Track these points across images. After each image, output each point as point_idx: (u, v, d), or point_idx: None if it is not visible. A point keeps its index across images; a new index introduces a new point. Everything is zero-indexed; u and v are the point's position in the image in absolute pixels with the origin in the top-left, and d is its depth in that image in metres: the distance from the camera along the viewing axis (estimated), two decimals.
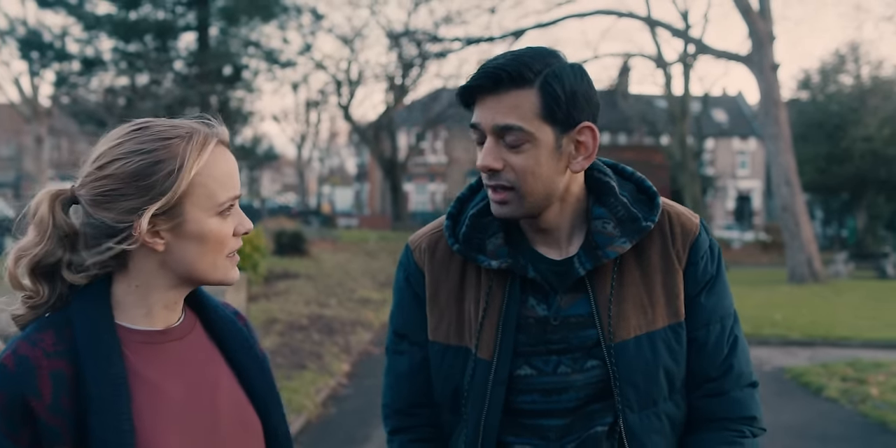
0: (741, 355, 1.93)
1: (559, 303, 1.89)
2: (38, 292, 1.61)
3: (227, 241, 1.64)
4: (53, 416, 1.50)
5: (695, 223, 1.95)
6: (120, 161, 1.57)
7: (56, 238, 1.61)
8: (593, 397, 1.86)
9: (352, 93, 41.45)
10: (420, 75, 36.98)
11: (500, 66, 1.79)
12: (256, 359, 1.80)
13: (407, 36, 33.43)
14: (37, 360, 1.52)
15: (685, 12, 30.16)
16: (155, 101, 24.03)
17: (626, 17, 28.41)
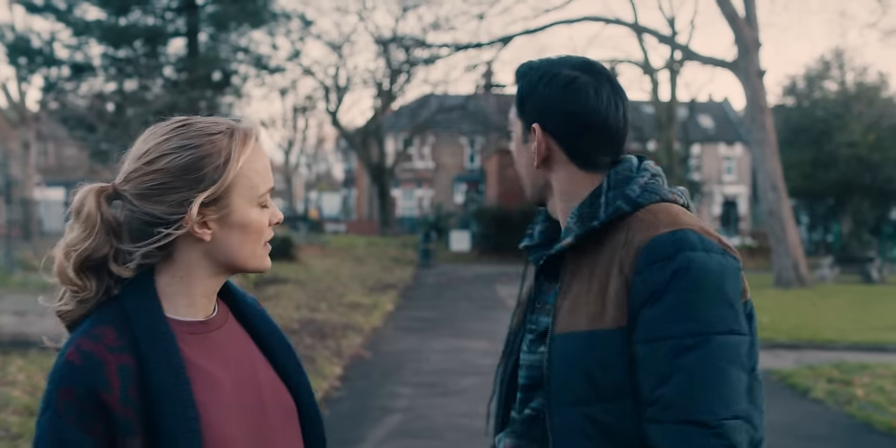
0: (683, 386, 1.72)
1: (545, 288, 2.03)
2: (86, 287, 1.68)
3: (265, 230, 1.75)
4: (125, 408, 1.58)
5: (655, 231, 1.84)
6: (169, 156, 1.67)
7: (104, 232, 1.69)
8: (537, 381, 1.93)
9: (340, 98, 41.50)
10: (408, 81, 37.05)
11: (517, 68, 2.08)
12: (284, 341, 1.91)
13: (395, 42, 33.50)
14: (102, 355, 1.59)
15: (672, 19, 30.29)
16: (144, 107, 24.00)
17: (614, 24, 28.54)
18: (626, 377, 1.79)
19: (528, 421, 1.95)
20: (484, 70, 33.78)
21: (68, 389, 1.57)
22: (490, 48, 29.65)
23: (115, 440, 1.58)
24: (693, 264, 1.77)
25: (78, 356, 1.59)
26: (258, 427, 1.73)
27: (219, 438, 1.64)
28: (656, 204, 1.92)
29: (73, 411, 1.57)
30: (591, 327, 1.83)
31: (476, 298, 20.91)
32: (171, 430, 1.59)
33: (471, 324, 16.14)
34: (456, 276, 28.26)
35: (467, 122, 43.17)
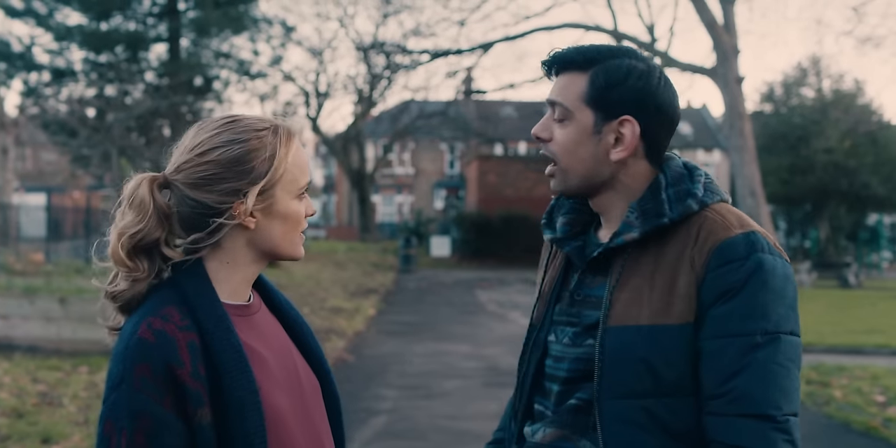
0: (754, 380, 1.79)
1: (588, 281, 2.03)
2: (139, 268, 1.81)
3: (302, 220, 1.89)
4: (195, 382, 1.70)
5: (729, 232, 1.90)
6: (220, 149, 1.80)
7: (156, 217, 1.82)
8: (582, 373, 1.95)
9: (320, 104, 41.55)
10: (388, 87, 37.14)
11: (567, 51, 2.03)
12: (307, 328, 2.06)
13: (376, 48, 33.58)
14: (173, 333, 1.72)
15: (651, 26, 30.25)
16: (126, 112, 24.02)
17: (594, 31, 28.67)
18: (687, 371, 1.85)
19: (574, 411, 1.95)
20: (464, 76, 33.90)
21: (145, 364, 1.68)
22: (470, 54, 29.74)
23: (186, 411, 1.70)
24: (765, 266, 1.85)
25: (151, 333, 1.70)
26: (298, 400, 1.88)
27: (272, 408, 1.78)
28: (717, 204, 1.98)
29: (149, 384, 1.67)
30: (654, 322, 1.87)
31: (457, 303, 21.00)
32: (239, 401, 1.72)
33: (452, 328, 16.23)
34: (437, 281, 28.35)
35: (447, 128, 43.27)
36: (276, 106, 35.86)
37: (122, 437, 1.67)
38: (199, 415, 1.70)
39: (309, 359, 2.02)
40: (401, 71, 32.39)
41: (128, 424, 1.67)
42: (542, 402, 2.06)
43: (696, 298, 1.86)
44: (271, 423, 1.77)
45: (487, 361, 12.29)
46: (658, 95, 1.99)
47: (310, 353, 2.02)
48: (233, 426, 1.71)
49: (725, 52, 23.85)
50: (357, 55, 35.18)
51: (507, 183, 39.83)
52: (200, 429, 1.70)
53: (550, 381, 2.04)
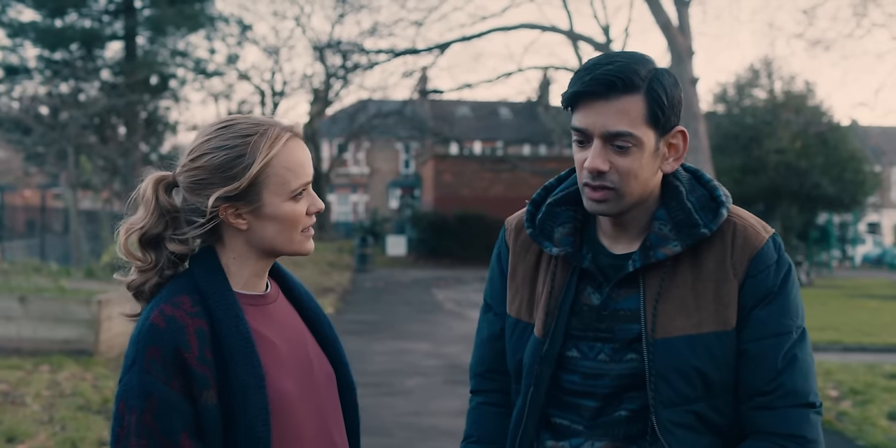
0: (797, 374, 1.93)
1: (613, 295, 2.01)
2: (146, 259, 1.93)
3: (300, 219, 1.96)
4: (201, 366, 1.81)
5: (761, 237, 1.98)
6: (209, 155, 1.90)
7: (158, 214, 1.93)
8: (627, 387, 1.97)
9: (276, 104, 41.39)
10: (344, 87, 37.10)
11: (612, 73, 1.88)
12: (325, 318, 2.15)
13: (332, 47, 33.51)
14: (183, 319, 1.83)
15: (606, 27, 30.68)
16: (82, 110, 23.82)
17: (549, 31, 28.83)
18: (731, 373, 1.95)
19: (625, 422, 1.97)
20: (420, 76, 33.93)
21: (155, 348, 1.80)
22: (427, 54, 29.79)
23: (193, 393, 1.80)
24: (790, 266, 2.00)
25: (162, 319, 1.82)
26: (308, 387, 1.97)
27: (278, 392, 1.87)
28: (732, 206, 2.04)
29: (158, 367, 1.79)
30: (702, 330, 1.94)
31: (415, 302, 21.06)
32: (243, 384, 1.82)
33: (411, 326, 16.29)
34: (393, 280, 28.37)
35: (403, 127, 43.29)
36: (232, 105, 35.67)
37: (133, 416, 1.78)
38: (204, 396, 1.80)
39: (325, 349, 2.10)
40: (357, 70, 32.34)
41: (138, 404, 1.78)
42: (565, 416, 2.05)
43: (738, 303, 1.96)
44: (277, 407, 1.86)
45: (448, 359, 12.38)
46: (681, 97, 1.98)
47: (326, 343, 2.11)
48: (237, 408, 1.82)
49: (680, 53, 24.08)
50: (313, 54, 35.06)
51: (463, 182, 39.91)
52: (206, 410, 1.80)
53: (578, 396, 2.03)
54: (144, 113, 28.10)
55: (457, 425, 8.13)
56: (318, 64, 35.66)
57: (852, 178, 37.55)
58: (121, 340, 11.37)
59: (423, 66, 32.32)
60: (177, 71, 30.21)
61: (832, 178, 37.02)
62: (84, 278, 16.07)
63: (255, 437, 1.81)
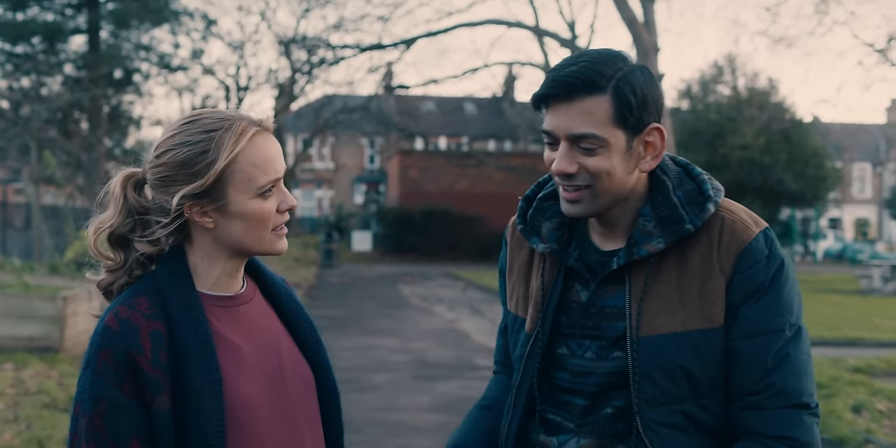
0: (789, 374, 1.86)
1: (600, 292, 1.98)
2: (115, 259, 1.89)
3: (270, 217, 1.88)
4: (154, 369, 1.76)
5: (751, 232, 1.92)
6: (172, 151, 1.84)
7: (126, 212, 1.88)
8: (613, 385, 1.94)
9: (241, 99, 41.12)
10: (309, 82, 36.93)
11: (573, 74, 1.85)
12: (306, 318, 2.08)
13: (297, 42, 33.35)
14: (137, 321, 1.78)
15: (572, 23, 30.71)
16: (45, 105, 23.59)
17: (515, 27, 28.86)
18: (719, 372, 1.89)
19: (610, 420, 1.95)
20: (385, 71, 33.86)
21: (107, 351, 1.75)
22: (393, 50, 29.75)
23: (145, 397, 1.76)
24: (784, 261, 1.92)
25: (115, 322, 1.78)
26: (277, 392, 1.91)
27: (238, 398, 1.82)
28: (722, 200, 1.99)
29: (109, 370, 1.74)
30: (688, 328, 1.89)
31: (381, 298, 21.04)
32: (197, 389, 1.77)
33: (378, 322, 16.28)
34: (359, 275, 28.36)
35: (368, 122, 43.21)
36: (196, 99, 35.44)
37: (84, 419, 1.75)
38: (157, 401, 1.76)
39: (304, 351, 2.03)
40: (323, 65, 32.20)
41: (89, 408, 1.75)
42: (558, 413, 2.04)
43: (725, 300, 1.90)
44: (237, 413, 1.81)
45: (416, 355, 12.38)
46: (661, 93, 1.94)
47: (305, 346, 2.04)
48: (190, 414, 1.77)
49: (646, 49, 24.16)
50: (279, 49, 34.82)
51: (429, 178, 39.94)
52: (158, 415, 1.76)
53: (569, 394, 2.02)
54: (108, 107, 27.84)
55: (426, 421, 8.15)
56: (283, 59, 35.37)
57: (814, 174, 37.91)
58: (86, 337, 11.25)
59: (389, 62, 32.32)
60: (141, 65, 29.96)
61: (795, 173, 37.34)
62: (48, 274, 15.91)
63: (208, 445, 1.76)
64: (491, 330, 15.46)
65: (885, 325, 16.42)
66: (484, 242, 39.38)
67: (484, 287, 24.93)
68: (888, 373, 11.03)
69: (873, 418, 8.26)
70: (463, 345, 13.65)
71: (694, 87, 40.88)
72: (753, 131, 36.86)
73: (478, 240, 39.45)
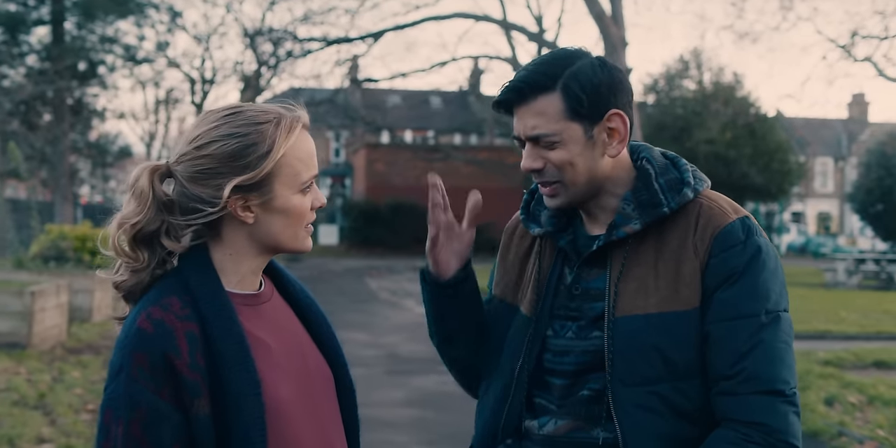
0: (762, 359, 1.87)
1: (584, 274, 2.05)
2: (139, 258, 1.80)
3: (307, 214, 1.87)
4: (192, 372, 1.69)
5: (728, 218, 1.97)
6: (218, 143, 1.77)
7: (156, 207, 1.80)
8: (591, 365, 1.97)
9: (206, 91, 40.90)
10: (275, 75, 36.75)
11: (521, 79, 1.98)
12: (322, 316, 2.04)
13: (263, 35, 33.15)
14: (172, 323, 1.71)
15: (539, 17, 30.81)
16: (8, 96, 23.32)
17: (483, 21, 28.86)
18: (695, 355, 1.91)
19: (586, 401, 1.98)
20: (352, 64, 33.73)
21: (142, 354, 1.68)
22: (360, 43, 29.65)
23: (184, 402, 1.69)
24: (762, 248, 1.95)
25: (150, 323, 1.70)
26: (305, 391, 1.87)
27: (274, 400, 1.77)
28: (706, 190, 2.05)
29: (146, 375, 1.67)
30: (662, 309, 1.92)
31: (349, 292, 20.97)
32: (237, 392, 1.71)
33: (347, 316, 16.19)
34: (326, 269, 28.29)
35: (334, 116, 43.06)
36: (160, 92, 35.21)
37: (119, 427, 1.67)
38: (196, 405, 1.70)
39: (323, 350, 2.00)
40: (290, 58, 32.03)
41: (125, 414, 1.67)
42: (541, 396, 2.07)
43: (701, 283, 1.93)
44: (273, 416, 1.76)
45: (387, 349, 12.33)
46: (619, 78, 2.00)
47: (324, 344, 2.01)
48: (231, 418, 1.71)
49: (614, 43, 24.21)
50: (244, 42, 34.61)
51: (396, 172, 39.89)
52: (198, 420, 1.70)
53: (551, 375, 2.05)
54: (72, 100, 27.58)
55: (401, 416, 8.12)
56: (249, 51, 35.14)
57: (779, 168, 38.20)
58: (55, 333, 11.15)
59: (356, 55, 32.19)
60: (105, 57, 29.69)
61: (759, 168, 37.60)
62: (13, 269, 15.75)
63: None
64: None
65: (852, 318, 16.58)
66: None
67: None
68: (857, 365, 11.16)
69: (845, 411, 8.34)
70: None
71: (660, 82, 41.04)
72: (719, 126, 37.07)
73: None
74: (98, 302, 13.27)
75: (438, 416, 8.17)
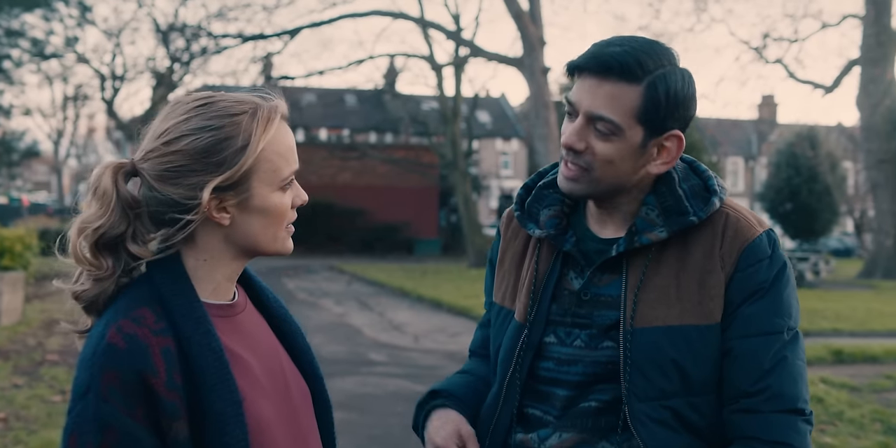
0: (786, 377, 1.81)
1: (595, 280, 1.93)
2: (102, 266, 1.61)
3: (287, 213, 1.70)
4: (169, 392, 1.52)
5: (755, 230, 1.88)
6: (189, 137, 1.59)
7: (120, 210, 1.61)
8: (600, 376, 1.88)
9: (117, 88, 40.13)
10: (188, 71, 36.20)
11: (614, 56, 1.81)
12: (297, 327, 1.87)
13: (177, 30, 32.62)
14: (146, 338, 1.53)
15: (457, 15, 30.68)
16: None
17: (400, 18, 28.77)
18: (713, 371, 1.83)
19: (594, 414, 1.88)
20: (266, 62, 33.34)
21: (113, 373, 1.50)
22: (276, 40, 29.34)
23: (160, 425, 1.52)
24: (785, 264, 1.88)
25: (121, 338, 1.53)
26: (286, 409, 1.72)
27: (256, 420, 1.61)
28: (727, 199, 1.95)
29: (117, 395, 1.50)
30: (684, 322, 1.83)
31: None
32: (220, 413, 1.55)
33: None
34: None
35: None
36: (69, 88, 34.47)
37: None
38: (174, 429, 1.53)
39: (298, 363, 1.84)
40: (204, 55, 31.58)
41: (93, 439, 1.49)
42: (537, 407, 1.96)
43: (724, 297, 1.84)
44: (255, 435, 1.60)
45: None
46: (695, 100, 1.89)
47: (299, 357, 1.84)
48: (212, 441, 1.55)
49: (532, 43, 24.31)
50: (157, 37, 34.01)
51: (311, 170, 39.54)
52: (176, 444, 1.53)
53: (552, 385, 1.94)
54: None
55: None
56: (161, 47, 34.55)
57: None
58: None
59: (272, 52, 31.83)
60: (11, 52, 28.93)
61: None
62: None
63: None
64: (380, 324, 15.43)
65: None
66: (367, 235, 39.25)
67: (369, 280, 24.77)
68: None
69: None
70: (355, 340, 13.45)
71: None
72: None
73: (361, 233, 39.33)
74: (6, 305, 12.87)
75: (363, 418, 8.03)
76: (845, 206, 37.86)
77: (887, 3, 26.70)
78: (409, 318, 16.61)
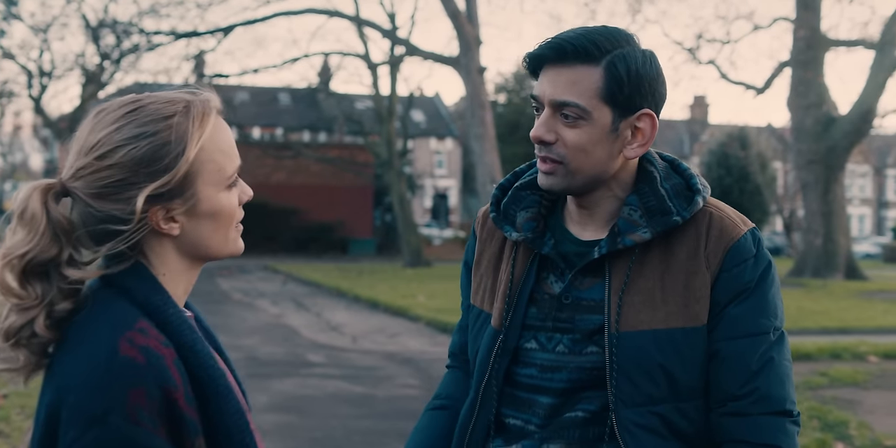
0: (773, 379, 1.78)
1: (576, 283, 1.87)
2: (28, 295, 1.45)
3: (236, 212, 1.60)
4: (189, 407, 1.42)
5: (739, 229, 1.84)
6: (125, 148, 1.47)
7: (51, 234, 1.46)
8: (586, 383, 1.83)
9: (44, 85, 39.41)
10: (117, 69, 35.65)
11: (568, 40, 1.78)
12: (220, 343, 1.75)
13: (107, 27, 32.11)
14: (159, 349, 1.41)
15: (393, 14, 30.58)
16: None
17: (335, 17, 28.64)
18: (700, 374, 1.80)
19: (581, 424, 1.83)
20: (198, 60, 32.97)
21: (140, 390, 1.37)
22: (210, 38, 29.03)
23: (184, 444, 1.41)
24: (770, 263, 1.84)
25: (138, 352, 1.39)
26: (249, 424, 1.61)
27: (253, 429, 1.55)
28: (709, 198, 1.91)
29: (145, 416, 1.37)
30: (670, 325, 1.79)
31: (200, 292, 20.36)
32: (229, 425, 1.48)
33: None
34: None
35: None
36: None
37: None
38: (196, 446, 1.43)
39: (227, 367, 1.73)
40: (135, 52, 31.14)
41: None
42: (517, 415, 1.90)
43: (710, 298, 1.81)
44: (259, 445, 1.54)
45: (245, 352, 11.94)
46: (663, 80, 1.85)
47: (227, 361, 1.73)
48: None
49: (468, 42, 24.33)
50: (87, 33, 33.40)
51: (244, 170, 37.77)
52: None
53: (534, 392, 1.88)
54: None
55: (266, 422, 7.84)
56: (91, 44, 33.96)
57: None
58: None
59: (205, 50, 31.47)
60: None
61: None
62: None
63: None
64: (318, 325, 15.31)
65: None
66: (301, 235, 39.03)
67: (304, 280, 24.63)
68: None
69: None
70: (293, 340, 13.32)
71: (510, 81, 41.49)
72: None
73: (295, 232, 39.12)
74: None
75: (303, 421, 7.93)
76: (775, 206, 38.41)
77: (817, 7, 27.12)
78: (346, 318, 16.51)
